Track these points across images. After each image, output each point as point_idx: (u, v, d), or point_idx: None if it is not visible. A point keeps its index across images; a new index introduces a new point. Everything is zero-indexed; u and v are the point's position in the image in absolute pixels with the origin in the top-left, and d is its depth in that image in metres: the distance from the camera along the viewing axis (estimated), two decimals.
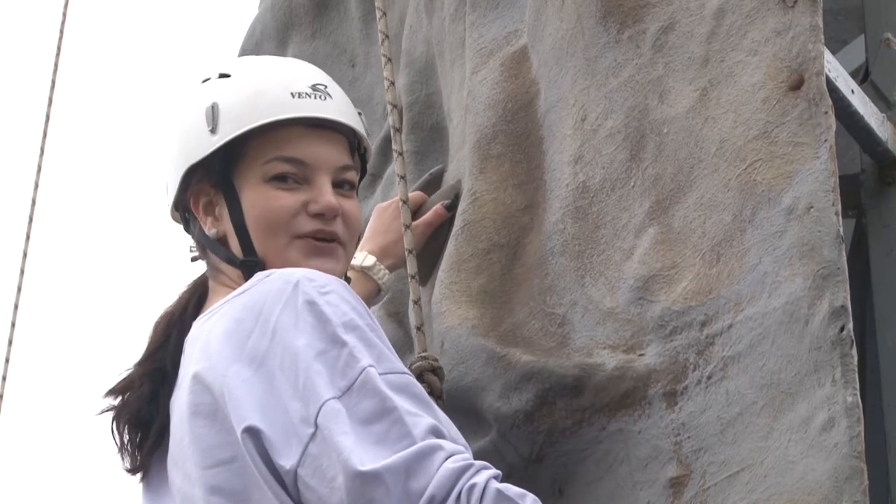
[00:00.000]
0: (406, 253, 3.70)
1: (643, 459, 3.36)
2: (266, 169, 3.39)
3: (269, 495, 3.10)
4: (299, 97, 3.41)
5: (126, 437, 3.38)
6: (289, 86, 3.43)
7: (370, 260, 3.74)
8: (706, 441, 3.27)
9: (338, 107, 3.45)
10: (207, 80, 3.49)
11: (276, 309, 3.17)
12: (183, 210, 3.48)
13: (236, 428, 3.12)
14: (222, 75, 3.48)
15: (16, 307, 4.54)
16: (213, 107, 3.41)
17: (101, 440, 3.46)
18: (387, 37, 3.94)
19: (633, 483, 3.36)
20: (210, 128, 3.40)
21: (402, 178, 3.79)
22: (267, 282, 3.24)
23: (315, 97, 3.43)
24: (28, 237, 4.64)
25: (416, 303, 3.67)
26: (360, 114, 3.54)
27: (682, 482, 3.29)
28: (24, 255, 4.60)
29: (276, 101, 3.40)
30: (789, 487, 3.13)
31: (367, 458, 3.01)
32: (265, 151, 3.39)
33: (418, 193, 3.99)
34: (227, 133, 3.39)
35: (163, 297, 3.57)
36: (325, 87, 3.45)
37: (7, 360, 4.47)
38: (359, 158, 3.49)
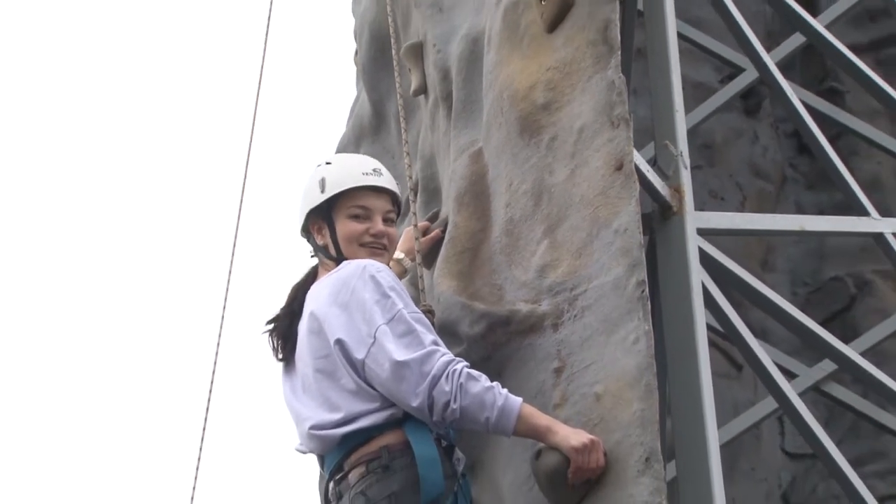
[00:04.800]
0: (416, 253, 3.69)
1: (541, 359, 3.32)
2: (348, 211, 3.35)
3: (345, 373, 3.12)
4: (366, 175, 3.38)
5: (276, 345, 3.37)
6: (360, 168, 3.40)
7: (400, 255, 3.68)
8: (573, 349, 3.26)
9: (387, 180, 3.40)
10: (320, 164, 3.45)
11: (353, 279, 3.18)
12: (305, 232, 3.44)
13: (330, 339, 3.14)
14: (328, 163, 3.45)
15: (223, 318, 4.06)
16: (322, 179, 3.38)
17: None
18: (406, 142, 3.92)
19: (537, 371, 3.32)
20: (321, 190, 3.37)
21: (415, 214, 3.80)
22: (348, 266, 3.24)
23: (374, 175, 3.39)
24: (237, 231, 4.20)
25: (421, 277, 3.66)
26: (398, 185, 3.51)
27: (560, 370, 3.26)
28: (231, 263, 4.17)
29: (353, 176, 3.37)
30: (616, 373, 3.13)
31: (400, 354, 3.05)
32: (348, 202, 3.36)
33: (425, 223, 3.96)
34: (329, 192, 3.36)
35: None
36: (380, 170, 3.42)
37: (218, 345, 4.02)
38: (397, 208, 3.46)
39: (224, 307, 4.10)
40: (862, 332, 5.38)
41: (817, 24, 4.84)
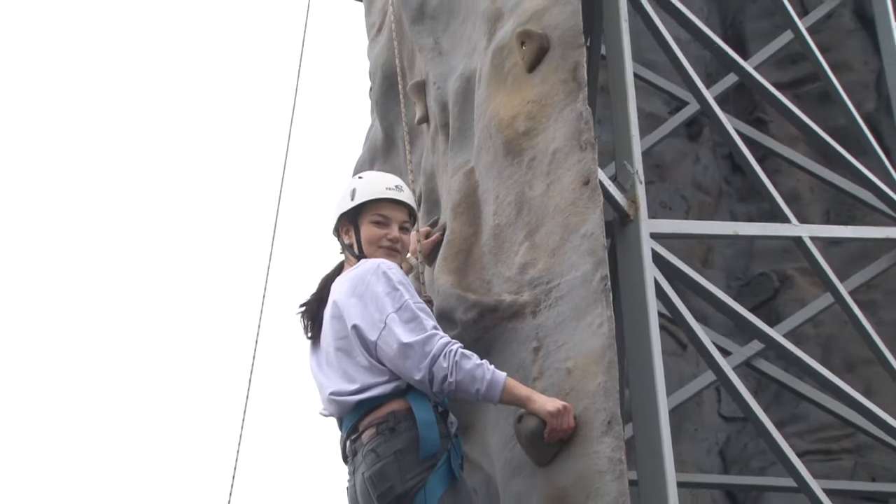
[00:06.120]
0: (419, 253, 3.69)
1: (522, 340, 3.31)
2: (372, 217, 3.33)
3: (360, 353, 3.10)
4: (389, 189, 3.35)
5: (306, 325, 3.34)
6: (385, 184, 3.38)
7: (406, 255, 3.64)
8: (549, 331, 3.25)
9: (406, 196, 3.37)
10: (354, 178, 3.42)
11: (368, 274, 3.16)
12: (336, 232, 3.41)
13: (347, 324, 3.12)
14: (360, 177, 3.42)
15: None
16: (353, 189, 3.36)
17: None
18: (411, 162, 3.91)
19: (519, 350, 3.30)
20: (351, 198, 3.34)
21: (418, 221, 3.74)
22: (365, 264, 3.22)
23: (396, 190, 3.36)
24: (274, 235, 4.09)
25: (422, 273, 3.66)
26: (415, 200, 3.47)
27: (538, 349, 3.25)
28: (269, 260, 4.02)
29: (379, 190, 3.35)
30: (585, 352, 3.13)
31: (406, 337, 3.03)
32: (372, 210, 3.33)
33: (427, 228, 3.94)
34: (357, 200, 3.34)
35: None
36: (402, 187, 3.38)
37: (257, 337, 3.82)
38: (413, 219, 3.42)
39: (264, 295, 4.05)
40: (784, 317, 5.40)
41: (748, 66, 4.84)
